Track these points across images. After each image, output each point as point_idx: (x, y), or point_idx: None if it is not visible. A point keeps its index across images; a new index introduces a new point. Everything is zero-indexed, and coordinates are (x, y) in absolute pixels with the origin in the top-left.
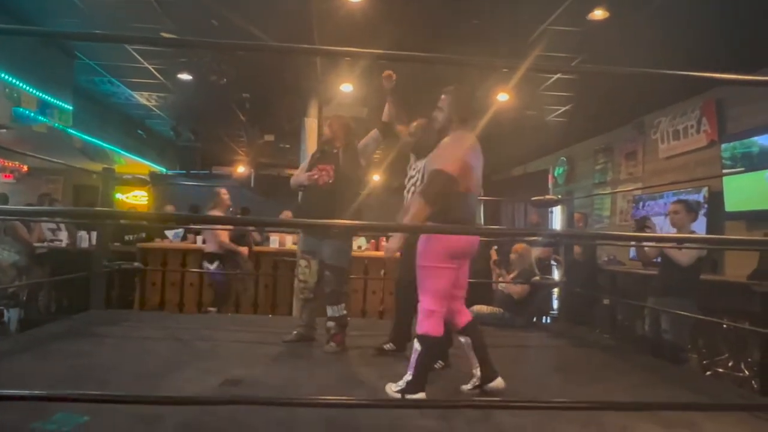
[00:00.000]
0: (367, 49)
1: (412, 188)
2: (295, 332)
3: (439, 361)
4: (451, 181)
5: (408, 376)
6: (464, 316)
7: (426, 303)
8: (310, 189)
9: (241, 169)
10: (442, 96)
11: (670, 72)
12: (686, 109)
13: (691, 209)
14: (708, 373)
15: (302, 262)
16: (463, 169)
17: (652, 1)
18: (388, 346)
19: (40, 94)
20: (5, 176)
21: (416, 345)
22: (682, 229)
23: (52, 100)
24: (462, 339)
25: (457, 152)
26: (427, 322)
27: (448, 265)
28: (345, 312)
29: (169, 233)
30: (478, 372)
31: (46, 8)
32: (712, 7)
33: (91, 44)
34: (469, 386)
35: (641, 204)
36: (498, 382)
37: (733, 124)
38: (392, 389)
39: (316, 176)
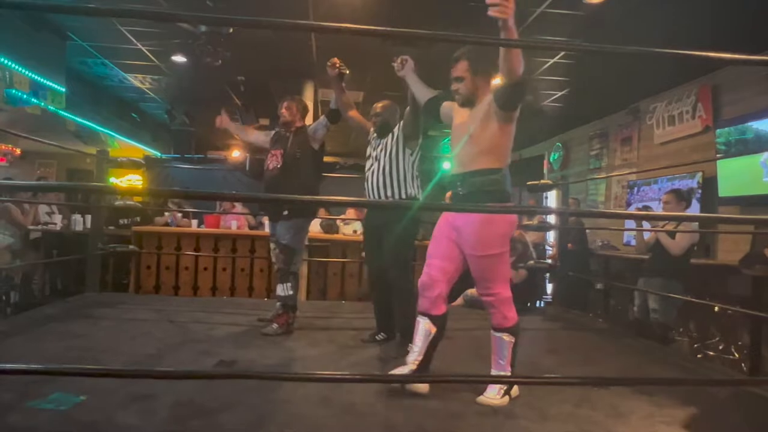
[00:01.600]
0: (362, 26)
1: (374, 170)
2: (273, 313)
3: (381, 333)
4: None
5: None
6: (444, 305)
7: (504, 290)
8: (265, 175)
9: (235, 154)
10: (457, 64)
11: (667, 51)
12: (682, 94)
13: (682, 198)
14: (699, 356)
15: (271, 245)
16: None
17: None
18: (379, 336)
19: (33, 76)
20: None
21: (508, 338)
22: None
23: (44, 81)
24: (425, 323)
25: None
26: (512, 311)
27: (508, 247)
28: (291, 293)
29: (168, 218)
30: (413, 366)
31: None
32: None
33: (84, 25)
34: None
35: (636, 189)
36: (422, 388)
37: (729, 110)
38: (490, 398)
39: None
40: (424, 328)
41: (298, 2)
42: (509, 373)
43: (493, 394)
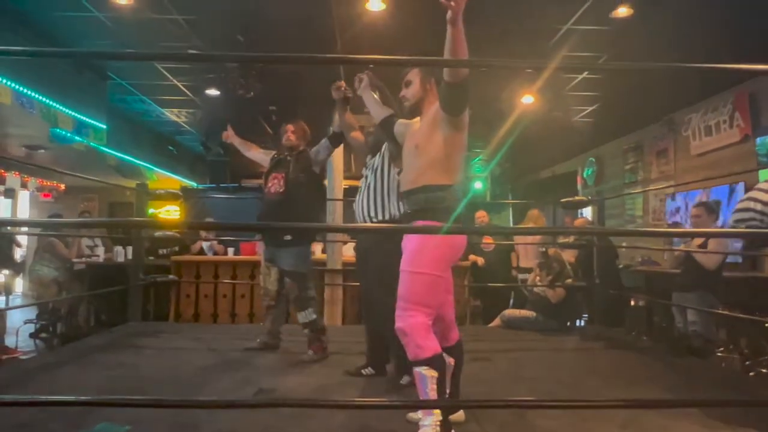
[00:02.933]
0: (387, 56)
1: (362, 188)
2: (258, 340)
3: (406, 377)
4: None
5: (429, 417)
6: (455, 332)
7: (419, 316)
8: (265, 198)
9: None
10: (409, 70)
11: (702, 66)
12: (718, 104)
13: (712, 211)
14: (751, 373)
15: (263, 270)
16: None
17: None
18: (366, 371)
19: (76, 115)
20: (44, 195)
21: (426, 372)
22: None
23: (87, 119)
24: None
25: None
26: (428, 339)
27: (448, 273)
28: (315, 317)
29: (204, 245)
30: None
31: (77, 30)
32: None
33: (123, 64)
34: (419, 414)
35: (674, 203)
36: (459, 416)
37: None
38: None
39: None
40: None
41: (324, 31)
42: (437, 416)
43: None
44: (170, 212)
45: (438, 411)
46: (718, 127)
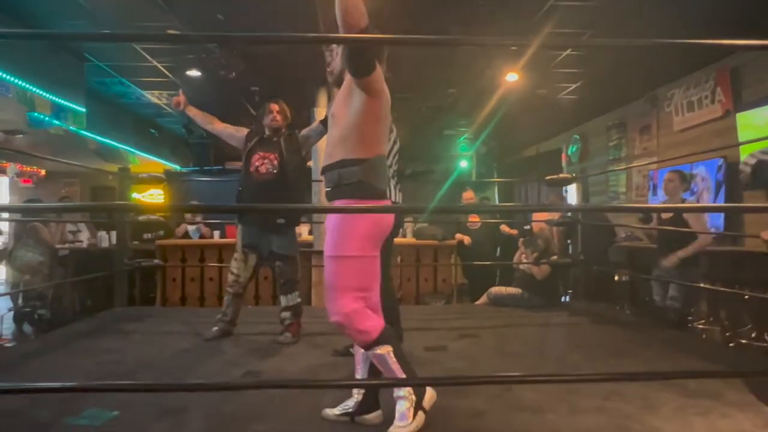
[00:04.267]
0: (375, 35)
1: None
2: (215, 328)
3: (356, 346)
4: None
5: (403, 402)
6: (379, 320)
7: (350, 303)
8: (251, 178)
9: None
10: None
11: (683, 41)
12: (700, 79)
13: (685, 179)
14: (731, 344)
15: (238, 256)
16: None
17: None
18: (353, 350)
19: (54, 98)
20: (23, 181)
21: (381, 350)
22: (674, 197)
23: (65, 103)
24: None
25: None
26: (367, 320)
27: (376, 252)
28: (299, 300)
29: (190, 230)
30: (359, 396)
31: (51, 10)
32: None
33: (101, 46)
34: (336, 411)
35: (656, 177)
36: (376, 416)
37: (749, 92)
38: (401, 428)
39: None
40: (356, 352)
41: (307, 10)
42: (408, 389)
43: (405, 424)
44: (153, 196)
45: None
46: (700, 103)
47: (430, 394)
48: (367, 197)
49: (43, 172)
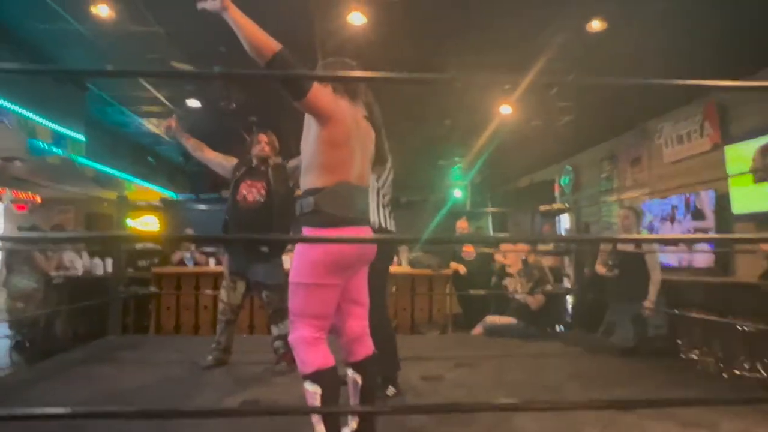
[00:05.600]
0: (370, 73)
1: None
2: (210, 357)
3: (391, 387)
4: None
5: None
6: (365, 347)
7: (302, 329)
8: (238, 207)
9: None
10: None
11: (669, 82)
12: (689, 113)
13: (639, 215)
14: (725, 375)
15: (226, 284)
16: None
17: (647, 11)
18: (390, 392)
19: (55, 126)
20: (18, 208)
21: (311, 388)
22: (631, 231)
23: (65, 131)
24: (349, 374)
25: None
26: (310, 354)
27: (332, 281)
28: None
29: (185, 254)
30: (354, 425)
31: (54, 40)
32: (709, 11)
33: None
34: None
35: (648, 208)
36: None
37: (736, 126)
38: None
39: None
40: (348, 378)
41: (306, 44)
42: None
43: None
44: (148, 223)
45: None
46: (689, 136)
47: None
48: (323, 225)
49: (39, 198)
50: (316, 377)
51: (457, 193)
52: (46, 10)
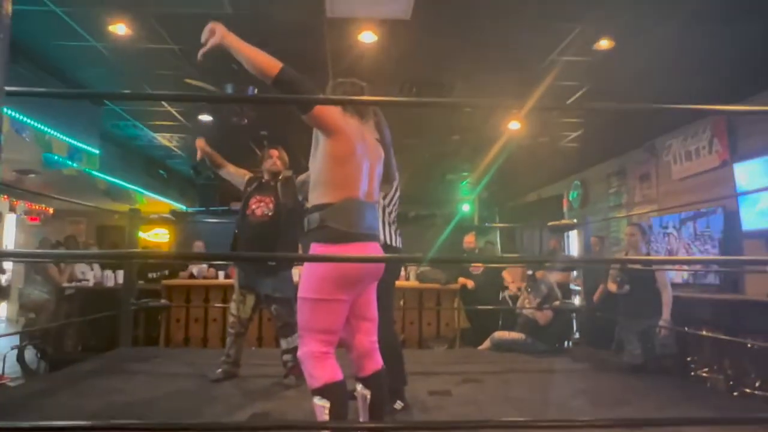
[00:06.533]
0: (380, 98)
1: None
2: (220, 370)
3: (399, 401)
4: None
5: None
6: (374, 362)
7: (310, 344)
8: (247, 221)
9: None
10: None
11: (678, 107)
12: (697, 130)
13: (645, 232)
14: (735, 393)
15: (236, 297)
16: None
17: (655, 30)
18: (398, 405)
19: (70, 140)
20: (31, 219)
21: (319, 402)
22: (637, 249)
23: (80, 145)
24: (359, 389)
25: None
26: (318, 369)
27: (340, 296)
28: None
29: (194, 269)
30: None
31: (72, 57)
32: (716, 31)
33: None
34: None
35: (657, 225)
36: None
37: (745, 143)
38: None
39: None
40: (357, 393)
41: (315, 60)
42: None
43: None
44: (159, 235)
45: None
46: (697, 153)
47: None
48: (330, 240)
49: (51, 210)
50: (324, 392)
51: (465, 208)
52: (66, 29)
